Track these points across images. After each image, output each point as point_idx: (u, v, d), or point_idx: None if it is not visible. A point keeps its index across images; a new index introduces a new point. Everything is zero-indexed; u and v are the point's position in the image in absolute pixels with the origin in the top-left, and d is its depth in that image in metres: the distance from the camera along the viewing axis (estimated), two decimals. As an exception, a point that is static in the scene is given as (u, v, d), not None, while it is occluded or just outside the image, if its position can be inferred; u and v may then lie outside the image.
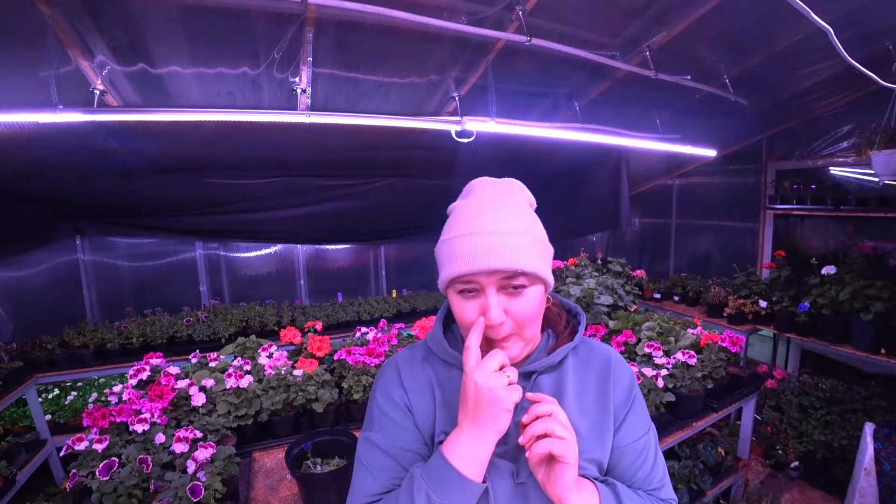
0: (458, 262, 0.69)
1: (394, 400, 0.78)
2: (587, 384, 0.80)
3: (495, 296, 0.69)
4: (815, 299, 3.06)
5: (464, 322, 0.72)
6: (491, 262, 0.66)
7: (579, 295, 2.69)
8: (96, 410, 1.59)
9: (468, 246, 0.69)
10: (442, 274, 0.73)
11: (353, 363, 2.12)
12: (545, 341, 0.82)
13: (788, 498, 2.88)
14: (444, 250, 0.73)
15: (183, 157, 2.96)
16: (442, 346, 0.80)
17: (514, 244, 0.68)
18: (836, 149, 3.44)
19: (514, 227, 0.70)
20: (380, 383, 0.83)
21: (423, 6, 1.83)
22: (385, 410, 0.78)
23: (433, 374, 0.80)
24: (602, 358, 0.82)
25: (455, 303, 0.73)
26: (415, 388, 0.79)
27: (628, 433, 0.79)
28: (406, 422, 0.77)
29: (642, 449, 0.79)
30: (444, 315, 0.86)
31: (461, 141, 2.55)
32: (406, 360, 0.83)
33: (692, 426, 2.06)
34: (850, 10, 1.98)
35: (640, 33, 2.24)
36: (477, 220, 0.71)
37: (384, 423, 0.77)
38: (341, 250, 4.60)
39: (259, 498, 1.59)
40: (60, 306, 3.49)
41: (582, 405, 0.78)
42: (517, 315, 0.70)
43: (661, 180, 4.90)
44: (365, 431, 0.80)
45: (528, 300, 0.70)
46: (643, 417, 0.82)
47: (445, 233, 0.75)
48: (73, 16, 1.64)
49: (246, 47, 1.96)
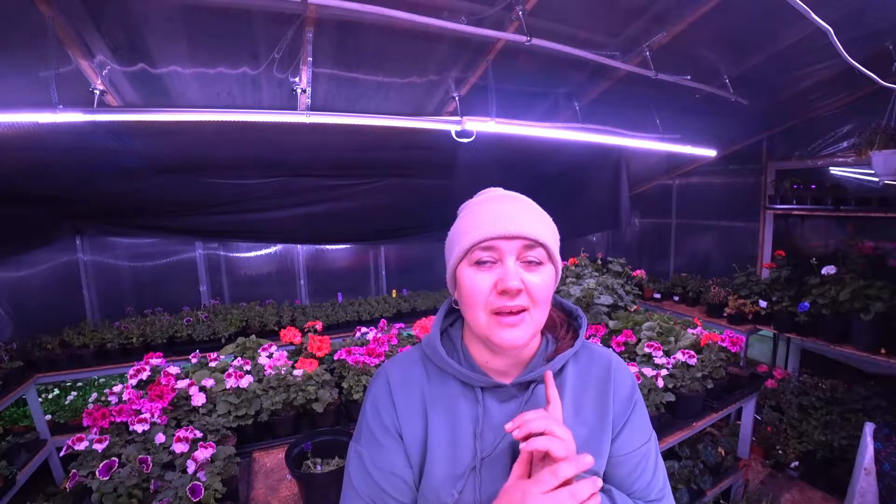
0: (480, 227, 0.70)
1: (382, 420, 0.76)
2: (586, 391, 0.78)
3: (514, 263, 0.69)
4: (815, 299, 3.05)
5: (476, 296, 0.70)
6: (515, 227, 0.68)
7: (579, 295, 2.69)
8: (96, 410, 1.59)
9: (490, 214, 0.71)
10: (459, 246, 0.72)
11: (353, 363, 2.12)
12: (544, 347, 0.79)
13: (788, 498, 2.88)
14: (462, 227, 0.74)
15: (183, 158, 2.96)
16: (438, 354, 0.77)
17: (537, 218, 0.73)
18: (836, 149, 3.44)
19: (535, 208, 0.76)
20: (370, 394, 0.80)
21: (423, 6, 1.83)
22: (373, 429, 0.76)
23: (427, 386, 0.77)
24: (603, 364, 0.80)
25: (467, 276, 0.71)
26: (405, 406, 0.76)
27: (627, 442, 0.76)
28: (393, 445, 0.74)
29: (641, 458, 0.76)
30: (443, 318, 0.83)
31: (461, 141, 2.55)
32: (399, 370, 0.80)
33: (692, 426, 2.06)
34: (850, 10, 1.98)
35: (640, 33, 2.24)
36: (497, 201, 0.74)
37: (371, 442, 0.75)
38: (341, 250, 4.60)
39: (259, 498, 1.59)
40: (60, 306, 3.49)
41: (579, 414, 0.76)
42: (532, 289, 0.69)
43: (661, 180, 4.90)
44: (354, 441, 0.78)
45: (543, 277, 0.70)
46: (643, 426, 0.79)
47: (460, 216, 0.77)
48: (73, 16, 1.64)
49: (246, 47, 1.96)
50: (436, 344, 0.77)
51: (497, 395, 0.76)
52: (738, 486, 2.48)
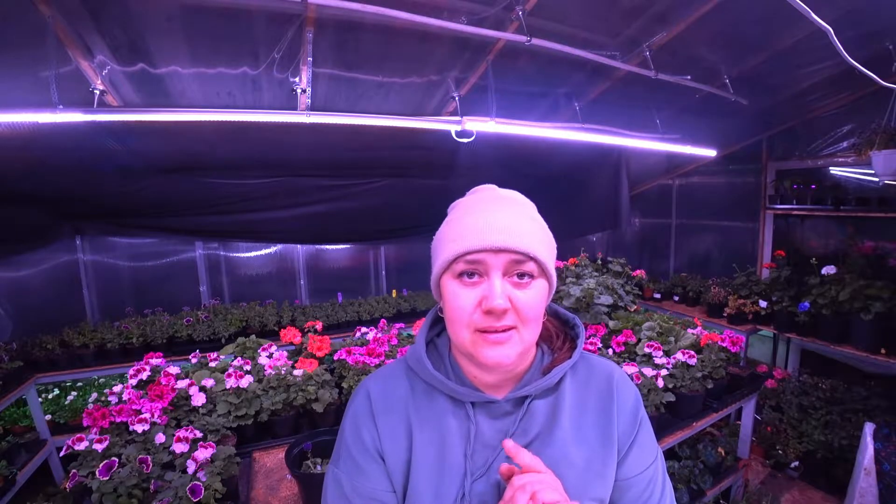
0: (464, 238, 0.62)
1: (363, 440, 0.69)
2: (586, 408, 0.71)
3: (500, 280, 0.62)
4: (815, 299, 3.05)
5: (459, 313, 0.63)
6: (503, 239, 0.61)
7: (579, 295, 2.69)
8: (96, 410, 1.59)
9: (477, 224, 0.63)
10: (442, 256, 0.65)
11: (353, 363, 2.12)
12: (539, 359, 0.73)
13: (788, 498, 2.88)
14: (446, 233, 0.67)
15: (183, 158, 2.96)
16: (425, 368, 0.70)
17: (527, 228, 0.64)
18: (836, 149, 3.44)
19: (527, 214, 0.67)
20: (350, 411, 0.73)
21: (423, 6, 1.83)
22: (353, 451, 0.70)
23: (412, 402, 0.71)
24: (603, 377, 0.74)
25: (450, 291, 0.64)
26: (387, 424, 0.70)
27: (634, 464, 0.70)
28: (375, 469, 0.69)
29: (650, 480, 0.71)
30: (428, 328, 0.77)
31: (461, 141, 2.55)
32: (381, 385, 0.74)
33: (692, 426, 2.06)
34: (850, 10, 1.98)
35: (640, 33, 2.24)
36: (487, 206, 0.66)
37: (351, 466, 0.69)
38: (341, 250, 4.60)
39: (259, 498, 1.59)
40: (60, 306, 3.48)
41: (580, 433, 0.69)
42: (521, 307, 0.62)
43: (661, 180, 4.90)
44: (332, 464, 0.73)
45: (533, 293, 0.64)
46: (650, 444, 0.73)
47: (448, 219, 0.70)
48: (73, 16, 1.64)
49: (246, 47, 1.96)
50: (422, 356, 0.71)
51: (489, 411, 0.70)
52: (738, 486, 2.48)
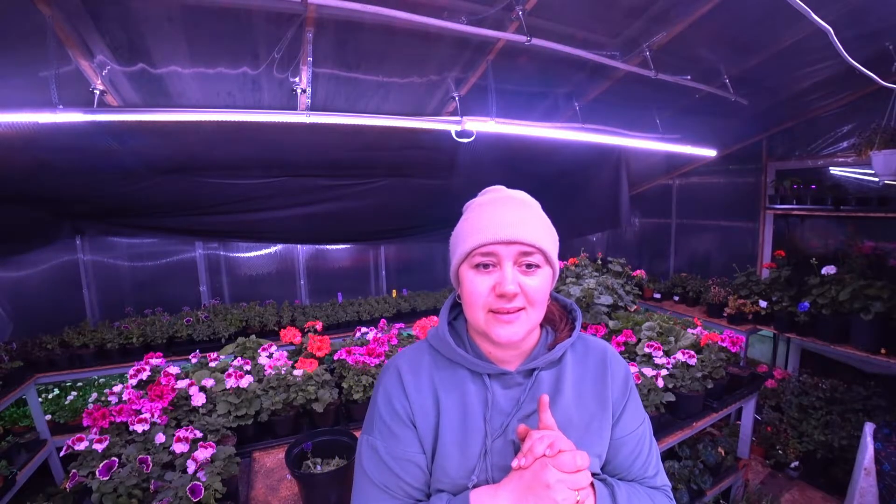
0: (479, 233, 0.74)
1: (395, 409, 0.79)
2: (585, 378, 0.83)
3: (511, 268, 0.73)
4: (815, 299, 3.05)
5: (475, 297, 0.75)
6: (513, 233, 0.72)
7: (579, 295, 2.69)
8: (96, 410, 1.59)
9: (491, 220, 0.74)
10: (460, 248, 0.76)
11: (353, 363, 2.12)
12: (545, 338, 0.85)
13: (788, 498, 2.88)
14: (464, 229, 0.78)
15: (183, 158, 2.96)
16: (447, 345, 0.81)
17: (535, 224, 0.76)
18: (836, 149, 3.44)
19: (533, 211, 0.79)
20: (381, 387, 0.83)
21: (423, 6, 1.83)
22: (386, 419, 0.79)
23: (437, 375, 0.81)
24: (598, 352, 0.86)
25: (468, 279, 0.76)
26: (418, 394, 0.79)
27: (626, 424, 0.83)
28: (407, 433, 0.78)
29: (639, 439, 0.83)
30: (449, 311, 0.87)
31: (461, 141, 2.55)
32: (409, 362, 0.84)
33: (692, 426, 2.06)
34: (850, 10, 1.98)
35: (640, 33, 2.24)
36: (498, 204, 0.78)
37: (385, 432, 0.78)
38: (341, 250, 4.60)
39: (259, 498, 1.59)
40: (60, 306, 3.49)
41: (581, 398, 0.82)
42: (529, 291, 0.73)
43: (661, 180, 4.90)
44: (366, 434, 0.81)
45: (539, 279, 0.75)
46: (639, 408, 0.87)
47: (464, 217, 0.81)
48: (73, 16, 1.64)
49: (246, 47, 1.96)
50: (444, 334, 0.81)
51: (502, 381, 0.81)
52: (738, 486, 2.48)
